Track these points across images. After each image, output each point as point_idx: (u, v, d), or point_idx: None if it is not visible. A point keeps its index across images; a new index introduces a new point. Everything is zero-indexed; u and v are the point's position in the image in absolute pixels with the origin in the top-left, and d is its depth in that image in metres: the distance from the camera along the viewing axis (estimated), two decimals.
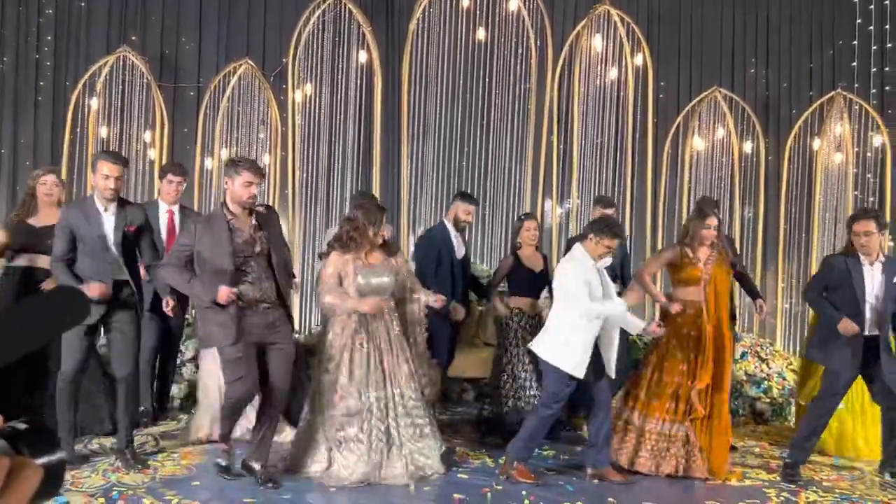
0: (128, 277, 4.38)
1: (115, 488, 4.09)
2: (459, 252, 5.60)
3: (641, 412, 4.81)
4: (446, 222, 5.67)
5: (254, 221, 4.23)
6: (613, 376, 4.63)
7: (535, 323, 5.45)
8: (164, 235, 5.55)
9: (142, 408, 5.33)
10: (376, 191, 7.27)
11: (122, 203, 4.44)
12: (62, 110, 7.52)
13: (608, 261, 4.64)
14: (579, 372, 4.38)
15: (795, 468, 4.83)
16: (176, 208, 5.69)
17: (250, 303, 4.12)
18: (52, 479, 1.09)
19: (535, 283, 5.62)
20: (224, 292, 3.98)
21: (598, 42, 7.66)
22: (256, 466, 4.27)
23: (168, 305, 4.94)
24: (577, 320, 4.40)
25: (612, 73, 7.71)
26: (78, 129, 7.46)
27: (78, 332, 4.22)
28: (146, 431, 5.32)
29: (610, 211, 5.80)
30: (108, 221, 4.35)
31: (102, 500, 3.90)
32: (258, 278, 4.16)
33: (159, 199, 5.73)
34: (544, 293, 5.70)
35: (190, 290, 4.23)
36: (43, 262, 4.76)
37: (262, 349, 4.21)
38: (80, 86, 7.44)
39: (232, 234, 4.13)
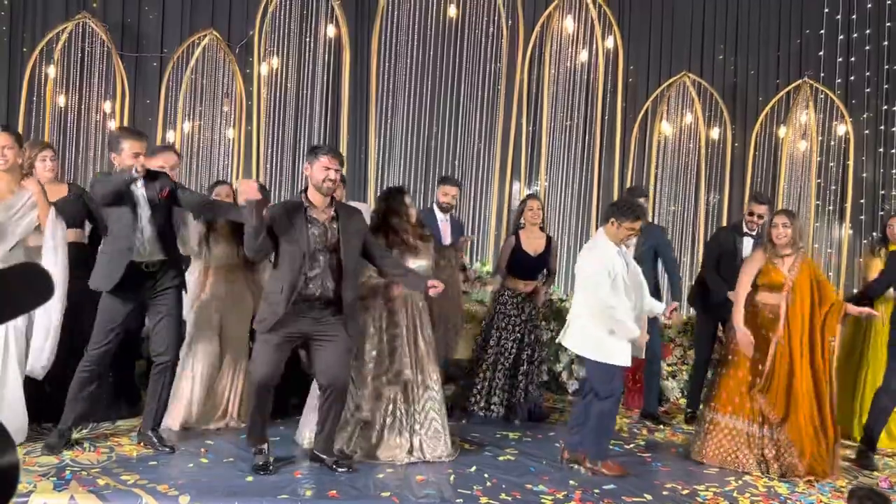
0: (164, 256, 4.25)
1: (68, 468, 3.98)
2: (446, 238, 5.61)
3: (715, 407, 4.77)
4: (434, 208, 5.71)
5: (333, 212, 4.11)
6: (642, 355, 4.61)
7: (525, 302, 5.59)
8: None
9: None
10: (343, 167, 7.15)
11: (152, 175, 4.27)
12: (18, 79, 7.27)
13: (633, 245, 4.61)
14: (624, 360, 4.31)
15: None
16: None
17: (308, 298, 4.01)
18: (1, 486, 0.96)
19: (531, 265, 5.65)
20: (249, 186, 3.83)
21: (569, 24, 7.62)
22: (324, 457, 4.22)
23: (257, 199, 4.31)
24: (602, 309, 4.30)
25: (583, 56, 7.68)
26: (34, 98, 7.23)
27: (115, 312, 4.17)
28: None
29: (642, 201, 5.60)
30: (139, 194, 4.19)
31: (55, 479, 3.79)
32: (322, 274, 4.03)
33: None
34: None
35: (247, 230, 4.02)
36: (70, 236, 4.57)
37: (306, 342, 4.14)
38: (36, 52, 7.20)
39: (307, 224, 4.03)
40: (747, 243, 5.61)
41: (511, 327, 5.59)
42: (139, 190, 4.21)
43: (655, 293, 5.24)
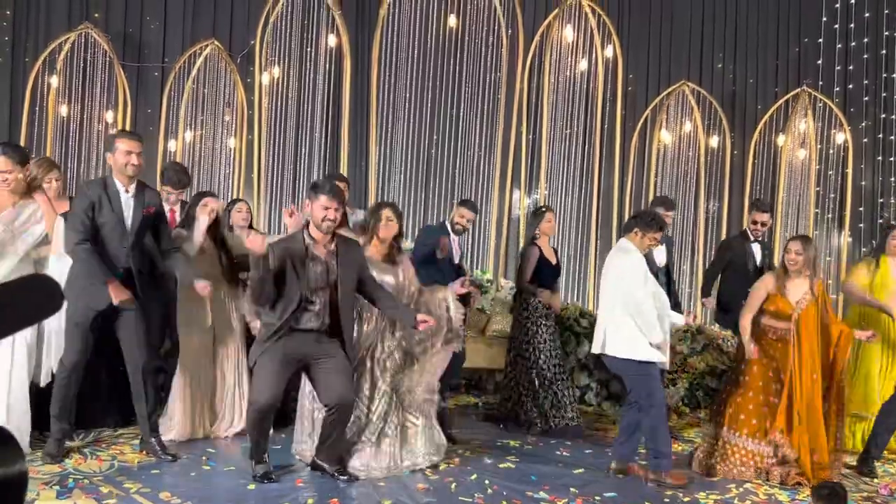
0: (133, 266, 4.20)
1: (71, 476, 3.99)
2: (456, 256, 5.62)
3: (732, 428, 4.73)
4: (447, 223, 5.71)
5: (333, 247, 4.13)
6: (667, 366, 4.62)
7: (550, 312, 5.61)
8: None
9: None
10: (346, 190, 7.16)
11: (141, 185, 4.28)
12: (21, 89, 7.31)
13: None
14: (660, 357, 4.31)
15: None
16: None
17: (307, 331, 4.04)
18: (9, 494, 0.97)
19: (554, 275, 5.71)
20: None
21: (568, 33, 7.66)
22: (326, 465, 4.22)
23: (206, 290, 4.52)
24: (638, 309, 4.32)
25: (582, 65, 7.72)
26: (36, 108, 7.27)
27: (83, 322, 4.11)
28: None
29: (671, 214, 5.75)
30: (129, 204, 4.18)
31: (58, 487, 3.80)
32: (322, 310, 4.06)
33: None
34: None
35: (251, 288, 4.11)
36: None
37: (307, 364, 4.12)
38: (39, 63, 7.24)
39: (308, 261, 4.04)
40: (755, 249, 5.82)
41: (555, 339, 5.60)
42: (128, 200, 4.19)
43: (675, 306, 5.28)
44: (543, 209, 5.84)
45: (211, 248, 5.02)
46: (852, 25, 7.98)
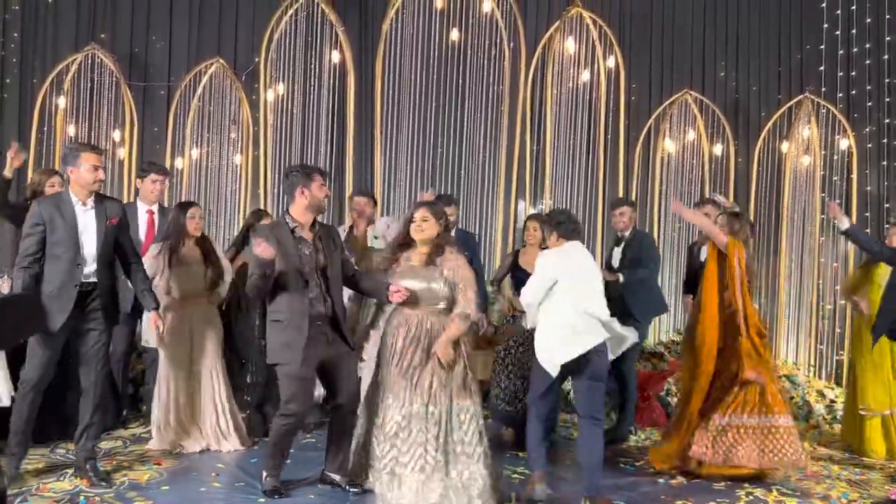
0: (96, 280, 4.13)
1: (82, 493, 4.02)
2: None
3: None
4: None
5: (316, 230, 4.20)
6: (612, 356, 4.31)
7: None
8: (142, 235, 5.50)
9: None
10: (350, 191, 7.23)
11: (100, 197, 4.23)
12: (29, 109, 7.40)
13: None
14: (551, 368, 4.13)
15: None
16: (156, 207, 5.64)
17: (317, 318, 4.06)
18: None
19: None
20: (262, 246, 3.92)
21: (570, 44, 7.70)
22: (337, 477, 4.24)
23: (159, 327, 4.49)
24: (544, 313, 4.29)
25: (585, 76, 7.75)
26: (45, 129, 7.34)
27: (42, 338, 4.03)
28: (116, 434, 5.26)
29: (615, 211, 5.99)
30: (86, 217, 4.12)
31: None
32: (320, 293, 4.11)
33: (138, 199, 5.65)
34: None
35: (254, 275, 4.08)
36: None
37: (323, 365, 4.15)
38: (47, 84, 7.32)
39: (298, 244, 4.11)
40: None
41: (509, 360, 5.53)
42: (87, 212, 4.13)
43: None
44: (527, 219, 5.81)
45: (197, 262, 5.05)
46: (854, 31, 7.98)
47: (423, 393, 3.98)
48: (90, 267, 4.13)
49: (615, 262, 5.89)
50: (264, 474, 4.18)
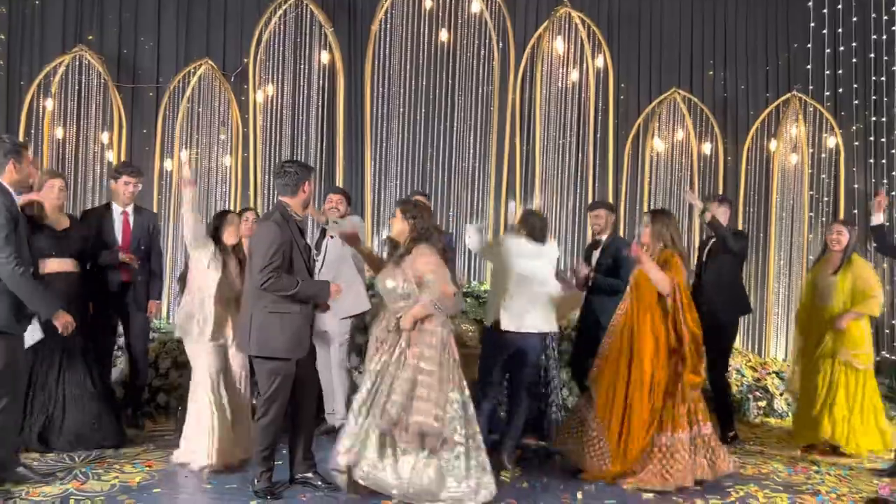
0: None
1: (72, 497, 4.01)
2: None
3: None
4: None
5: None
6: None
7: None
8: (118, 236, 5.51)
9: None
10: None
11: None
12: (16, 111, 7.36)
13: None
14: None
15: None
16: (131, 209, 5.62)
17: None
18: None
19: None
20: (335, 288, 4.12)
21: (559, 44, 7.72)
22: (310, 474, 4.27)
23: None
24: None
25: (574, 75, 7.77)
26: (32, 131, 7.31)
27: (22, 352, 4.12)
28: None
29: (592, 213, 6.04)
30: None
31: None
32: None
33: (113, 201, 5.64)
34: None
35: (301, 294, 4.04)
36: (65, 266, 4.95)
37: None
38: (34, 86, 7.29)
39: (303, 236, 4.26)
40: None
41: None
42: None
43: None
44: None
45: (235, 269, 4.83)
46: (840, 30, 8.03)
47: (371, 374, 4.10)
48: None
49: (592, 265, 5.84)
50: (259, 472, 4.18)
